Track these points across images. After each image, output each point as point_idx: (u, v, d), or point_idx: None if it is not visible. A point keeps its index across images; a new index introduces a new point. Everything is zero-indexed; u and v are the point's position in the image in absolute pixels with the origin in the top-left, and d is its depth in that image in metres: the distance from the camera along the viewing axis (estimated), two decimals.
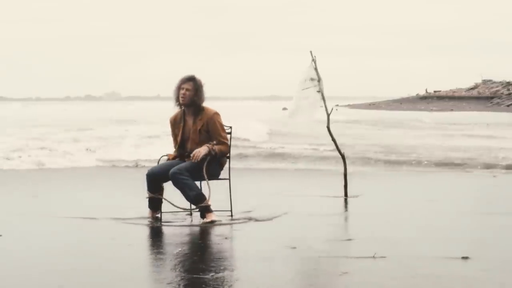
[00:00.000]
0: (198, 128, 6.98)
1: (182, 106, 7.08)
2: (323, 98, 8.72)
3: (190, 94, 6.98)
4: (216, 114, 7.05)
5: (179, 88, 7.02)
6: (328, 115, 8.75)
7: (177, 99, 7.06)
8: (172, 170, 6.83)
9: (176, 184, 6.85)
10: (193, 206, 7.12)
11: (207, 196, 6.87)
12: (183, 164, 6.90)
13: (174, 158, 7.14)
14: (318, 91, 8.69)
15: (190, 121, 7.07)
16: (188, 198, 6.90)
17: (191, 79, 7.02)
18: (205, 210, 6.89)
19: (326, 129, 8.83)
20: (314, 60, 8.71)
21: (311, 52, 8.73)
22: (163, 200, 7.10)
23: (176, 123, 7.16)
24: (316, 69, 8.71)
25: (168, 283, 4.62)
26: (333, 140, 8.88)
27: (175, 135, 7.20)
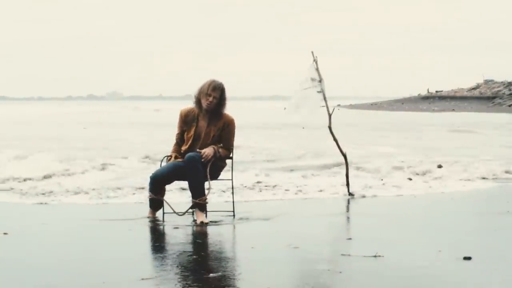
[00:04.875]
0: (213, 133, 7.07)
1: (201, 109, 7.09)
2: (325, 98, 8.72)
3: (216, 103, 7.05)
4: (234, 122, 7.17)
5: (206, 93, 7.03)
6: (330, 115, 8.77)
7: (198, 102, 7.09)
8: (190, 154, 6.90)
9: (191, 169, 6.88)
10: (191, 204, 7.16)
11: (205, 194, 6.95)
12: (198, 156, 6.96)
13: (175, 158, 7.17)
14: (319, 91, 8.70)
15: (203, 122, 7.13)
16: (192, 185, 6.95)
17: (221, 89, 7.05)
18: (198, 207, 6.95)
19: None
20: (315, 60, 8.71)
21: (312, 52, 8.74)
22: (164, 201, 7.17)
23: (188, 121, 7.18)
24: (317, 69, 8.71)
25: (168, 283, 4.62)
26: (335, 140, 8.89)
27: (182, 130, 7.23)
